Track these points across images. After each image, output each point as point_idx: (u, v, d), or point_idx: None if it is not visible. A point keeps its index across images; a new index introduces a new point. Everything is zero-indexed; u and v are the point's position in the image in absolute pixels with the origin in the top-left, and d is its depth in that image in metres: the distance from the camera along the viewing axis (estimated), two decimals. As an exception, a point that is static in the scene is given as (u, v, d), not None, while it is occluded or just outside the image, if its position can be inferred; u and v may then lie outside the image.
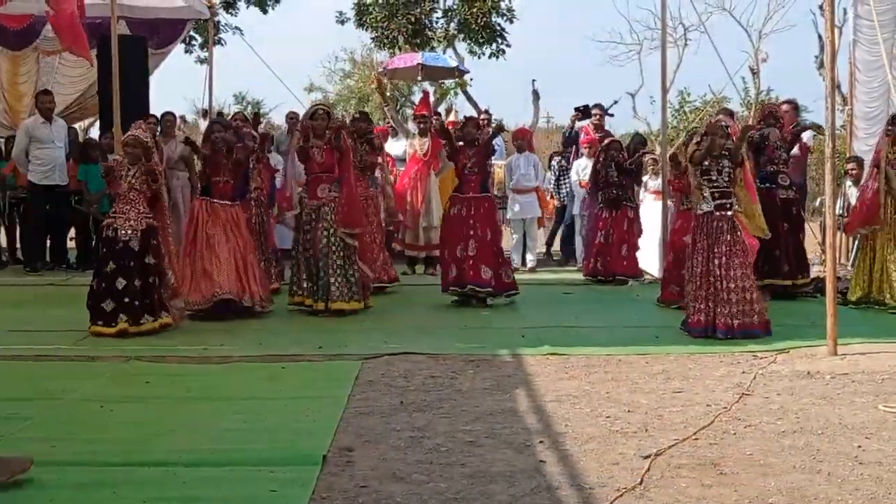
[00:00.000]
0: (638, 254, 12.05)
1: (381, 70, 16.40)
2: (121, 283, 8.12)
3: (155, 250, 8.34)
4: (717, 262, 8.12)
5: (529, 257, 13.39)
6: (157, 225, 8.42)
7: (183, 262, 8.97)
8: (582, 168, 13.56)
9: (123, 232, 8.22)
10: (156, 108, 13.95)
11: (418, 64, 17.89)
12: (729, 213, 8.24)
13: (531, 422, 5.52)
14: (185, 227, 9.52)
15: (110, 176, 8.77)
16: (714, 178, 8.29)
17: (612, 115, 14.94)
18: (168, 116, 13.17)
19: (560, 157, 14.73)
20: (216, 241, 9.08)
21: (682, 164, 9.55)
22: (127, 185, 8.34)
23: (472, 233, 9.93)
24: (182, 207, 12.03)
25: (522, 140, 13.47)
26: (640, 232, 12.11)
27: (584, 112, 14.54)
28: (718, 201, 8.25)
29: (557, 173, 14.50)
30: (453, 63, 19.71)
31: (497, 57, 24.08)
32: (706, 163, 8.32)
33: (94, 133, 22.72)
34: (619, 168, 12.03)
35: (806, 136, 11.61)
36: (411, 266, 12.80)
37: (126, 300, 8.11)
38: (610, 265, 11.89)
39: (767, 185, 10.31)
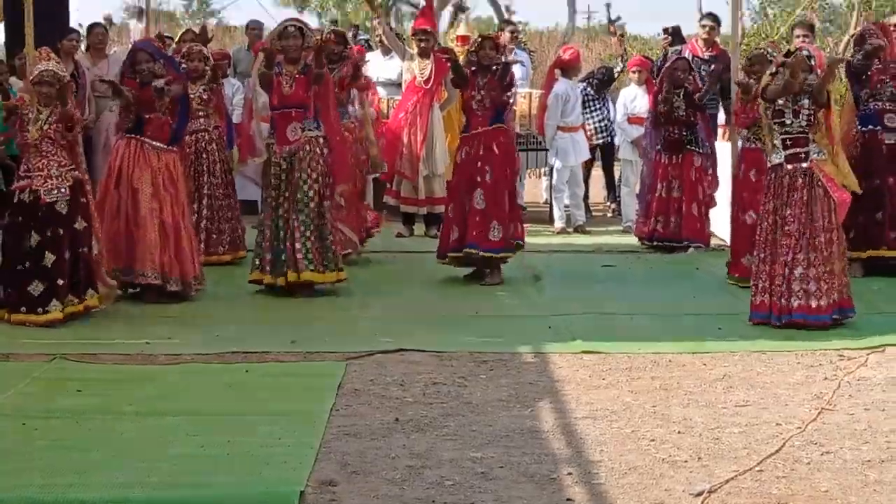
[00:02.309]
0: (712, 212, 12.22)
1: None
2: (50, 258, 8.41)
3: (84, 211, 8.62)
4: (787, 227, 8.37)
5: (579, 214, 13.72)
6: (84, 178, 8.70)
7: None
8: (631, 99, 13.77)
9: (46, 192, 8.48)
10: (76, 11, 14.13)
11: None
12: (805, 164, 8.46)
13: (557, 447, 5.85)
14: (105, 171, 9.68)
15: (13, 118, 8.88)
16: (788, 120, 8.50)
17: (613, 26, 14.90)
18: (97, 30, 13.39)
19: (586, 84, 14.81)
20: (141, 196, 9.29)
21: (751, 90, 9.72)
22: (37, 133, 8.51)
23: (479, 179, 10.17)
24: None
25: (577, 66, 13.72)
26: (714, 184, 12.18)
27: (674, 34, 14.49)
28: (791, 150, 8.48)
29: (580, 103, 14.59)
30: None
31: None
32: (779, 101, 8.55)
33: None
34: (689, 99, 12.07)
35: None
36: (408, 225, 13.08)
37: (59, 281, 8.41)
38: (675, 226, 12.01)
39: (871, 126, 10.46)
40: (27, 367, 7.34)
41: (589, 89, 14.65)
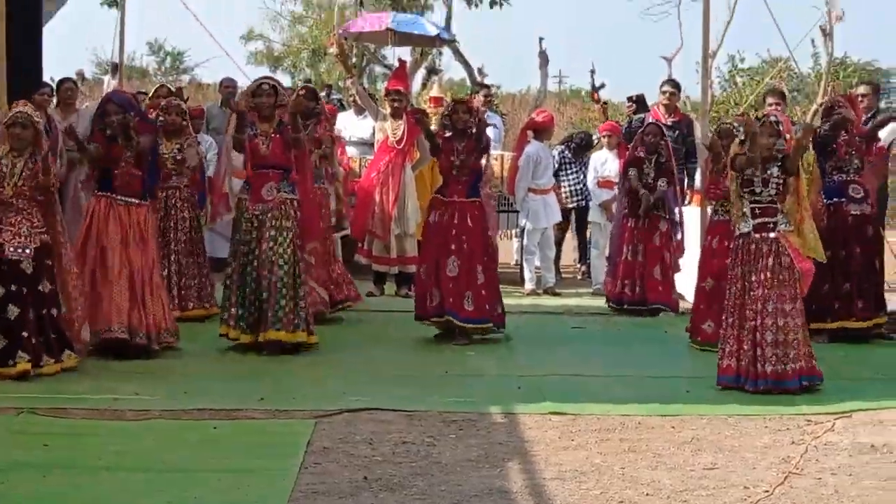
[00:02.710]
0: (678, 276, 12.34)
1: (340, 32, 16.72)
2: (13, 311, 8.40)
3: (50, 273, 8.64)
4: (753, 293, 8.48)
5: (549, 276, 13.80)
6: (52, 240, 8.69)
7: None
8: (601, 163, 13.92)
9: (12, 250, 8.48)
10: (50, 66, 14.18)
11: (387, 29, 18.12)
12: (772, 234, 8.57)
13: (526, 508, 5.86)
14: (78, 231, 9.65)
15: None
16: (758, 189, 8.61)
17: (597, 94, 15.19)
18: (67, 84, 13.46)
19: (564, 147, 15.01)
20: (111, 253, 9.29)
21: (721, 159, 9.87)
22: (11, 189, 8.50)
23: (454, 247, 10.25)
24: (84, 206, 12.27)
25: (550, 128, 13.86)
26: (679, 249, 12.34)
27: (638, 102, 14.74)
28: (760, 219, 8.59)
29: (557, 166, 14.78)
30: (433, 30, 19.90)
31: (500, 5, 24.50)
32: (748, 170, 8.65)
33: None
34: (659, 165, 12.26)
35: (885, 132, 11.62)
36: (379, 284, 13.12)
37: (24, 334, 8.39)
38: (640, 290, 12.19)
39: (835, 198, 10.57)
40: (-7, 421, 7.31)
41: (567, 153, 14.84)
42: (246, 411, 7.65)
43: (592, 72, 17.04)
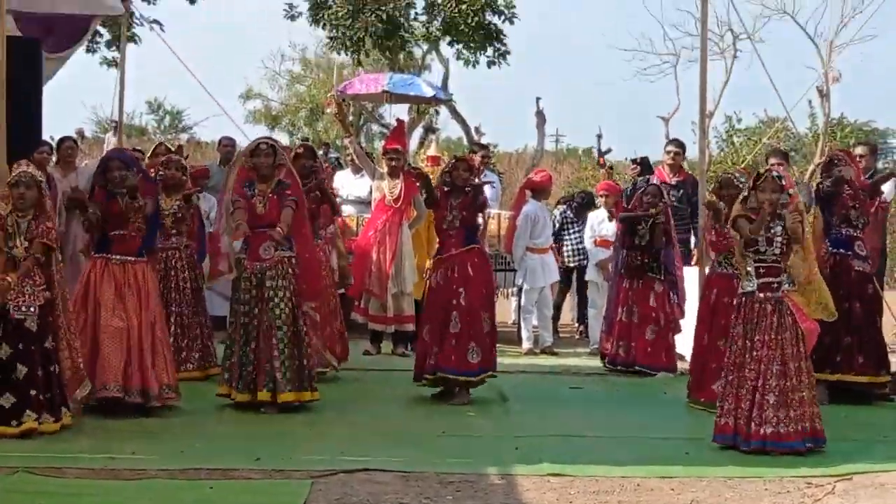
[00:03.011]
0: (678, 338, 12.32)
1: (337, 92, 16.85)
2: (21, 370, 8.37)
3: (53, 330, 8.62)
4: (756, 353, 8.46)
5: (546, 335, 13.77)
6: (55, 297, 8.67)
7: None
8: (598, 222, 13.94)
9: (17, 309, 8.46)
10: (50, 124, 14.25)
11: (383, 91, 18.25)
12: (777, 294, 8.56)
13: (524, 570, 5.81)
14: (75, 292, 9.54)
15: None
16: (762, 248, 8.59)
17: (604, 159, 15.26)
18: (67, 143, 13.54)
19: (566, 207, 15.10)
20: (104, 311, 9.23)
21: (721, 214, 9.88)
22: (23, 251, 8.50)
23: (454, 302, 10.22)
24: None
25: (548, 188, 13.91)
26: (678, 311, 12.32)
27: (643, 164, 14.80)
28: (764, 279, 8.56)
29: (559, 225, 14.83)
30: (429, 91, 20.07)
31: (498, 64, 24.67)
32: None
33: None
34: (653, 226, 12.29)
35: (887, 187, 11.76)
36: (376, 343, 13.10)
37: (33, 392, 8.37)
38: (631, 352, 12.19)
39: (842, 250, 10.58)
40: (-12, 480, 7.25)
41: (569, 212, 14.89)
42: (242, 471, 7.56)
43: (599, 136, 17.17)
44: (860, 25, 23.40)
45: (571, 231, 14.84)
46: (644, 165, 14.78)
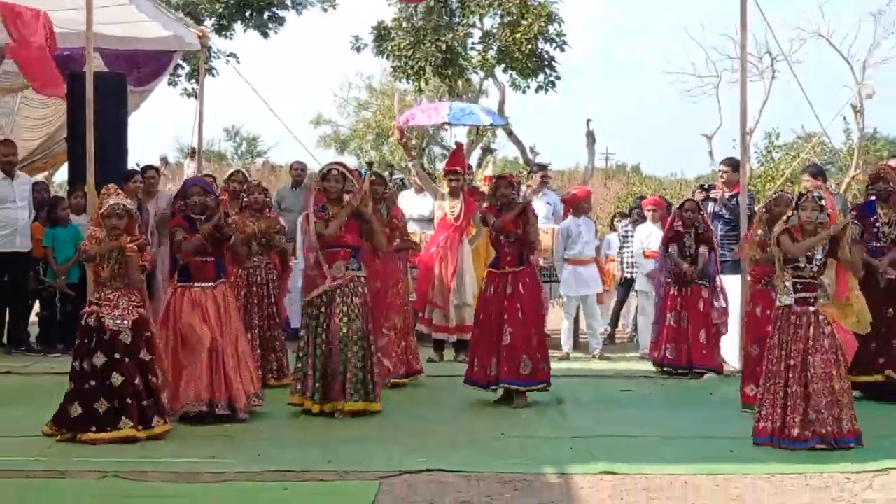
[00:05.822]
0: (725, 339, 12.26)
1: (400, 122, 16.97)
2: (118, 379, 8.45)
3: (149, 344, 8.71)
4: (793, 361, 8.41)
5: (595, 342, 13.71)
6: (147, 316, 8.77)
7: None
8: (646, 235, 13.88)
9: (112, 321, 8.55)
10: (135, 152, 14.46)
11: (444, 123, 18.34)
12: (812, 307, 8.49)
13: (579, 566, 5.78)
14: (160, 314, 9.55)
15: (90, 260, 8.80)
16: (801, 265, 8.52)
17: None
18: (150, 172, 13.70)
19: (627, 220, 15.08)
20: (188, 331, 9.26)
21: (763, 237, 9.74)
22: (108, 272, 8.61)
23: (506, 317, 10.22)
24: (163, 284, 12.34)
25: (583, 203, 13.87)
26: (722, 315, 12.25)
27: (708, 190, 14.70)
28: (801, 294, 8.51)
29: (622, 239, 14.84)
30: (486, 119, 20.24)
31: (546, 90, 24.67)
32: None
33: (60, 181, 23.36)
34: (698, 236, 12.26)
35: None
36: (439, 351, 13.13)
37: (129, 401, 8.45)
38: (682, 353, 12.11)
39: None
40: (81, 485, 7.31)
41: (630, 226, 14.83)
42: (315, 473, 7.61)
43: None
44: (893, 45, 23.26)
45: (629, 244, 14.78)
46: (710, 191, 14.70)
